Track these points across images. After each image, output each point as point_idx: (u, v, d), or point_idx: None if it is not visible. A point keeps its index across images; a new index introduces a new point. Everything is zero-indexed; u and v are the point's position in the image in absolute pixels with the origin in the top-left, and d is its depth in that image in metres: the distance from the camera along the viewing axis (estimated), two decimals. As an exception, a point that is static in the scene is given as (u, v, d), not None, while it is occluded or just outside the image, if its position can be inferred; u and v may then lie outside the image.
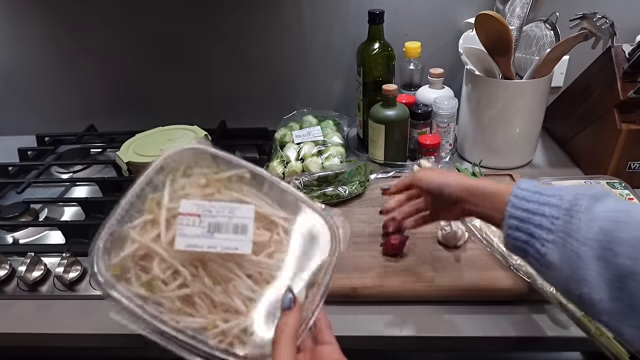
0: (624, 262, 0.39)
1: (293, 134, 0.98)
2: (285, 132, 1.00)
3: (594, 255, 0.40)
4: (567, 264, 0.42)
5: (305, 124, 1.02)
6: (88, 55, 1.10)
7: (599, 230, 0.41)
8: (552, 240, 0.43)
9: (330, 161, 0.91)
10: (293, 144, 0.96)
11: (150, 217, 0.43)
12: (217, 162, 0.47)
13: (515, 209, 0.46)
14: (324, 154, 0.93)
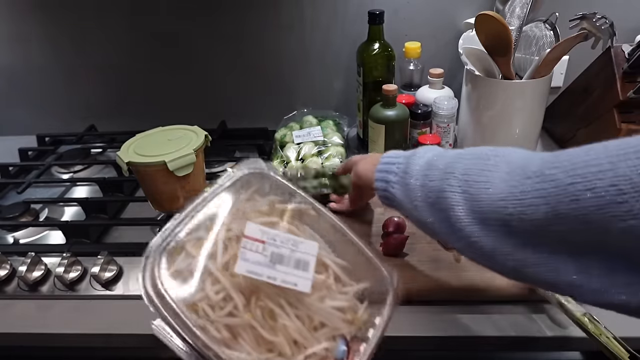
0: (435, 185, 0.46)
1: (293, 134, 0.98)
2: (285, 132, 1.00)
3: (419, 184, 0.48)
4: (405, 197, 0.50)
5: (306, 124, 1.02)
6: (88, 56, 1.11)
7: (424, 164, 0.49)
8: (397, 181, 0.52)
9: (331, 161, 0.91)
10: (293, 144, 0.96)
11: (208, 234, 0.41)
12: (281, 191, 0.46)
13: (381, 164, 0.55)
14: (324, 154, 0.93)
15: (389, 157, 0.55)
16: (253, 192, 0.45)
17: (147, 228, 0.81)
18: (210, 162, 0.97)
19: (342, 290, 0.44)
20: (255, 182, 0.46)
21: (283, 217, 0.44)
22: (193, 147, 0.73)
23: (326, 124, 1.02)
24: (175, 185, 0.74)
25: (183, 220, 0.42)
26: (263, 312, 0.39)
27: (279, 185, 0.46)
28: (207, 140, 0.78)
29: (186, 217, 0.42)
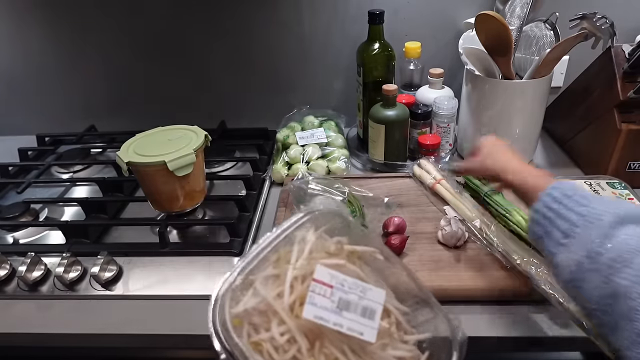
0: (622, 282, 0.39)
1: (296, 135, 0.98)
2: (288, 133, 1.00)
3: (594, 268, 0.42)
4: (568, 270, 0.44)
5: (308, 125, 1.02)
6: (88, 56, 1.10)
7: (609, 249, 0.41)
8: (564, 244, 0.45)
9: (335, 164, 0.91)
10: (297, 145, 0.95)
11: (275, 272, 0.41)
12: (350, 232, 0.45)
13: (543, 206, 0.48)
14: (328, 156, 0.93)
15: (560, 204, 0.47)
16: (322, 231, 0.44)
17: (147, 228, 0.81)
18: (210, 162, 0.97)
19: (404, 339, 0.43)
20: (324, 221, 0.45)
21: (350, 259, 0.43)
22: (193, 147, 0.73)
23: (328, 125, 1.02)
24: (175, 185, 0.74)
25: (254, 256, 0.42)
26: (327, 358, 0.39)
27: (348, 225, 0.45)
28: (207, 140, 0.78)
29: (257, 254, 0.42)
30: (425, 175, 0.85)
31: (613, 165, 0.83)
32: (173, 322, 0.64)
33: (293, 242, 0.43)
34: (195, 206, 0.81)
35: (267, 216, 0.85)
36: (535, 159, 0.97)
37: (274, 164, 0.94)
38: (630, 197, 0.76)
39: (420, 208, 0.80)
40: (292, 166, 0.92)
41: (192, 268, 0.71)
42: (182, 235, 0.80)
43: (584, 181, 0.80)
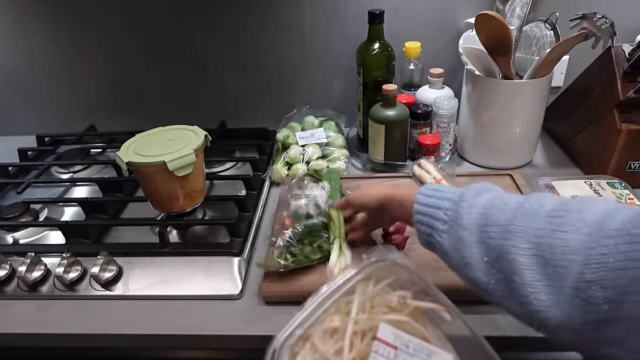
0: (496, 243, 0.42)
1: (296, 135, 0.97)
2: (288, 133, 1.00)
3: (474, 239, 0.44)
4: (455, 250, 0.46)
5: (307, 125, 1.02)
6: (88, 56, 1.10)
7: (478, 216, 0.44)
8: (445, 230, 0.47)
9: (335, 164, 0.91)
10: (297, 145, 0.95)
11: (334, 326, 0.40)
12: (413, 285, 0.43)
13: (420, 205, 0.51)
14: (328, 156, 0.93)
15: (431, 197, 0.50)
16: (384, 284, 0.42)
17: (147, 228, 0.81)
18: (210, 162, 0.97)
19: None
20: (387, 273, 0.43)
21: (414, 316, 0.41)
22: (193, 147, 0.73)
23: (328, 125, 1.02)
24: (175, 185, 0.74)
25: (313, 308, 0.40)
26: None
27: (412, 279, 0.43)
28: (207, 140, 0.78)
29: (316, 306, 0.40)
30: (425, 175, 0.85)
31: (613, 165, 0.83)
32: (173, 322, 0.64)
33: (354, 293, 0.41)
34: (195, 206, 0.81)
35: (267, 216, 0.85)
36: (535, 159, 0.97)
37: (274, 164, 0.94)
38: (630, 197, 0.76)
39: (420, 208, 0.80)
40: (292, 166, 0.92)
41: (192, 268, 0.71)
42: (182, 235, 0.80)
43: (584, 181, 0.80)
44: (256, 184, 0.90)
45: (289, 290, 0.65)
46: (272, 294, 0.65)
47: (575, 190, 0.78)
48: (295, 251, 0.66)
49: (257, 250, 0.76)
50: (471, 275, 0.45)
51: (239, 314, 0.65)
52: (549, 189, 0.80)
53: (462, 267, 0.46)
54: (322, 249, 0.68)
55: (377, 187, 0.62)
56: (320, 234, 0.70)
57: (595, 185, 0.79)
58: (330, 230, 0.71)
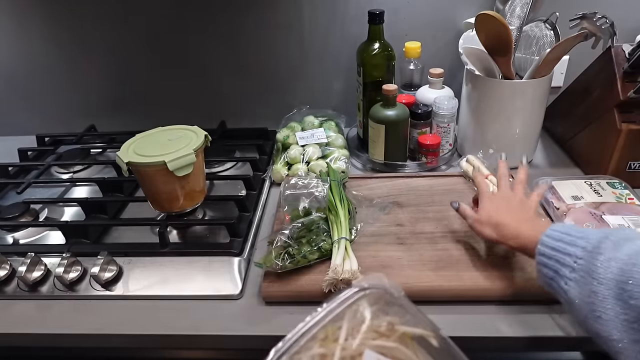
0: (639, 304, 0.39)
1: (296, 135, 0.97)
2: (288, 133, 1.00)
3: (611, 294, 0.42)
4: (586, 302, 0.44)
5: (307, 125, 1.02)
6: (88, 56, 1.10)
7: (618, 271, 0.42)
8: (574, 279, 0.46)
9: (336, 164, 0.91)
10: (297, 145, 0.95)
11: (322, 352, 0.39)
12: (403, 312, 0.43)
13: (545, 247, 0.50)
14: (328, 156, 0.93)
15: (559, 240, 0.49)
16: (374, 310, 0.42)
17: (147, 228, 0.81)
18: (210, 162, 0.97)
19: None
20: (376, 299, 0.43)
21: (404, 342, 0.40)
22: (193, 147, 0.73)
23: (328, 125, 1.02)
24: (175, 185, 0.74)
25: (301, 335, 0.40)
26: None
27: (401, 305, 0.43)
28: (207, 140, 0.78)
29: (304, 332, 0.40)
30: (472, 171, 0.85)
31: (613, 165, 0.83)
32: (173, 322, 0.64)
33: (342, 319, 0.41)
34: (195, 206, 0.81)
35: (267, 216, 0.85)
36: (535, 159, 0.97)
37: (274, 164, 0.94)
38: (630, 197, 0.76)
39: (420, 208, 0.80)
40: (292, 166, 0.92)
41: (192, 268, 0.71)
42: (182, 235, 0.80)
43: (584, 181, 0.80)
44: (256, 184, 0.90)
45: (289, 291, 0.65)
46: (272, 294, 0.65)
47: (575, 190, 0.78)
48: (293, 251, 0.66)
49: (257, 250, 0.76)
50: (601, 329, 0.43)
51: (239, 314, 0.65)
52: (548, 189, 0.80)
53: (590, 320, 0.44)
54: (320, 248, 0.68)
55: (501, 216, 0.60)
56: (319, 232, 0.70)
57: (595, 185, 0.79)
58: (334, 228, 0.71)
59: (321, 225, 0.71)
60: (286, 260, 0.65)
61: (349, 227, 0.72)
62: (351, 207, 0.78)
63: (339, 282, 0.62)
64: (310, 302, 0.65)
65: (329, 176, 0.83)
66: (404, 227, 0.76)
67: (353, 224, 0.75)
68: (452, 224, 0.75)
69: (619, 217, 0.70)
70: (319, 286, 0.63)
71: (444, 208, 0.79)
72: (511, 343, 0.60)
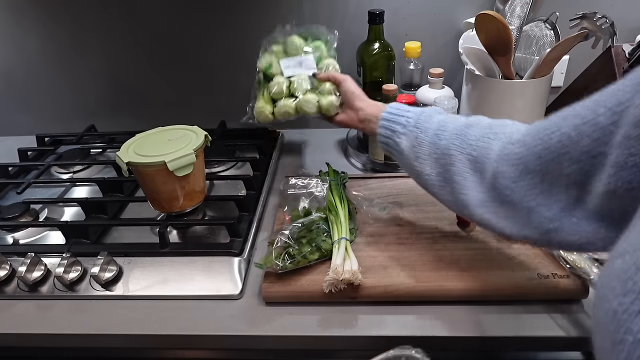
0: (443, 144, 0.55)
1: (281, 64, 0.82)
2: (270, 60, 0.83)
3: (427, 140, 0.57)
4: (410, 148, 0.59)
5: (292, 49, 0.85)
6: (88, 56, 1.10)
7: (435, 124, 0.58)
8: (404, 132, 0.61)
9: (327, 99, 0.77)
10: (281, 76, 0.81)
11: None
12: None
13: (387, 113, 0.65)
14: (318, 87, 0.79)
15: (396, 108, 0.64)
16: None
17: (147, 228, 0.81)
18: (210, 162, 0.97)
19: None
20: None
21: None
22: (193, 147, 0.73)
23: (316, 47, 0.85)
24: (175, 185, 0.74)
25: None
26: None
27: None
28: (207, 140, 0.78)
29: None
30: None
31: (613, 165, 0.83)
32: (173, 322, 0.64)
33: None
34: (195, 206, 0.81)
35: (267, 216, 0.85)
36: (536, 159, 0.97)
37: (256, 100, 0.81)
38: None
39: (420, 208, 0.80)
40: (277, 102, 0.80)
41: (192, 268, 0.71)
42: (182, 235, 0.80)
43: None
44: (256, 184, 0.90)
45: (289, 291, 0.65)
46: (273, 294, 0.65)
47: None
48: (293, 252, 0.66)
49: (257, 250, 0.76)
50: (419, 168, 0.58)
51: (239, 314, 0.65)
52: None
53: (412, 161, 0.59)
54: (320, 248, 0.68)
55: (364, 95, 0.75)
56: (319, 232, 0.70)
57: (596, 185, 0.79)
58: (334, 228, 0.71)
59: (321, 225, 0.71)
60: (286, 261, 0.65)
61: (349, 227, 0.72)
62: (351, 207, 0.78)
63: (339, 283, 0.62)
64: (311, 302, 0.65)
65: (329, 176, 0.83)
66: (404, 227, 0.76)
67: (353, 224, 0.75)
68: (452, 224, 0.75)
69: (619, 217, 0.70)
70: (320, 286, 0.63)
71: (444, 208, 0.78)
72: (512, 343, 0.60)
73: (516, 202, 0.48)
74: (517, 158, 0.47)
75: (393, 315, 0.63)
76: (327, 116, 0.79)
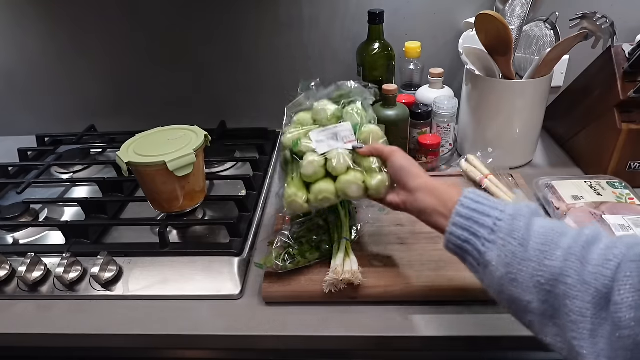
0: (555, 265, 0.41)
1: (311, 137, 0.66)
2: (297, 134, 0.67)
3: (528, 257, 0.43)
4: (503, 263, 0.44)
5: (322, 118, 0.69)
6: (88, 56, 1.10)
7: (537, 235, 0.44)
8: (492, 240, 0.45)
9: (375, 178, 0.61)
10: (314, 153, 0.64)
11: None
12: None
13: (463, 208, 0.49)
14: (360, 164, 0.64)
15: (476, 202, 0.48)
16: None
17: (147, 228, 0.81)
18: (210, 162, 0.97)
19: None
20: None
21: None
22: (193, 147, 0.73)
23: (352, 113, 0.69)
24: (175, 185, 0.74)
25: None
26: None
27: None
28: (207, 140, 0.78)
29: None
30: (472, 170, 0.86)
31: (613, 165, 0.83)
32: (173, 322, 0.64)
33: None
34: (195, 206, 0.81)
35: (267, 216, 0.85)
36: (535, 159, 0.97)
37: (287, 186, 0.64)
38: (630, 196, 0.76)
39: (420, 208, 0.80)
40: (311, 187, 0.64)
41: (192, 268, 0.71)
42: (182, 235, 0.80)
43: (584, 181, 0.80)
44: (256, 184, 0.90)
45: (289, 291, 0.65)
46: (273, 294, 0.65)
47: (575, 190, 0.78)
48: (293, 252, 0.66)
49: (257, 250, 0.76)
50: (514, 291, 0.44)
51: (239, 314, 0.65)
52: (549, 188, 0.80)
53: (504, 282, 0.44)
54: (320, 248, 0.68)
55: (416, 165, 0.59)
56: (319, 233, 0.70)
57: (596, 185, 0.79)
58: (334, 228, 0.71)
59: (321, 225, 0.71)
60: (286, 261, 0.65)
61: (349, 227, 0.71)
62: (351, 207, 0.78)
63: (339, 283, 0.62)
64: (311, 302, 0.65)
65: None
66: (404, 227, 0.76)
67: (353, 224, 0.74)
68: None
69: (619, 217, 0.70)
70: (320, 286, 0.63)
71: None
72: (512, 342, 0.60)
73: None
74: None
75: (393, 315, 0.63)
76: (376, 198, 0.63)
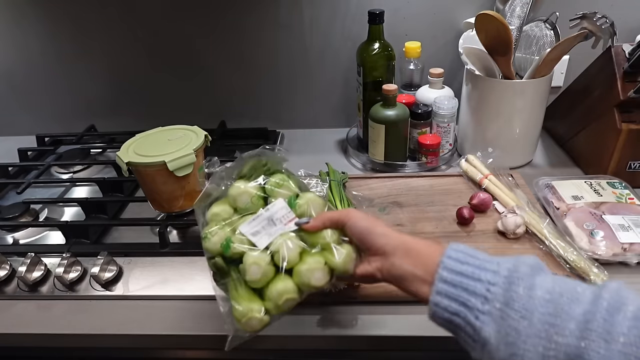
0: (569, 342, 0.33)
1: (243, 232, 0.52)
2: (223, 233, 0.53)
3: (534, 332, 0.34)
4: (504, 342, 0.35)
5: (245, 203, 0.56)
6: (88, 56, 1.10)
7: (543, 302, 0.35)
8: (487, 312, 0.36)
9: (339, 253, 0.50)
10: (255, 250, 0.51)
11: None
12: None
13: (447, 272, 0.39)
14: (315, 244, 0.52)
15: (466, 264, 0.39)
16: None
17: (147, 228, 0.81)
18: (210, 162, 0.97)
19: None
20: None
21: None
22: (193, 147, 0.73)
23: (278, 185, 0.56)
24: (175, 185, 0.74)
25: None
26: None
27: None
28: (207, 140, 0.78)
29: None
30: (472, 170, 0.86)
31: (613, 165, 0.83)
32: (173, 322, 0.64)
33: None
34: (195, 206, 0.80)
35: (267, 216, 0.84)
36: (535, 159, 0.97)
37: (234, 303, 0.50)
38: (630, 197, 0.76)
39: (420, 208, 0.80)
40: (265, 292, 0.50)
41: (192, 268, 0.71)
42: (182, 235, 0.80)
43: (584, 181, 0.80)
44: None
45: (289, 290, 0.65)
46: (272, 294, 0.65)
47: (575, 190, 0.78)
48: None
49: (257, 250, 0.76)
50: None
51: (239, 314, 0.65)
52: (549, 188, 0.80)
53: None
54: None
55: (380, 223, 0.48)
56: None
57: (596, 185, 0.79)
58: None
59: None
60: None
61: None
62: (351, 207, 0.78)
63: (339, 283, 0.62)
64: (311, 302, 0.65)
65: (329, 176, 0.83)
66: (404, 227, 0.76)
67: None
68: (452, 224, 0.75)
69: (619, 217, 0.70)
70: (319, 286, 0.63)
71: (444, 208, 0.79)
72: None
73: None
74: None
75: (393, 315, 0.62)
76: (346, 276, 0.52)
